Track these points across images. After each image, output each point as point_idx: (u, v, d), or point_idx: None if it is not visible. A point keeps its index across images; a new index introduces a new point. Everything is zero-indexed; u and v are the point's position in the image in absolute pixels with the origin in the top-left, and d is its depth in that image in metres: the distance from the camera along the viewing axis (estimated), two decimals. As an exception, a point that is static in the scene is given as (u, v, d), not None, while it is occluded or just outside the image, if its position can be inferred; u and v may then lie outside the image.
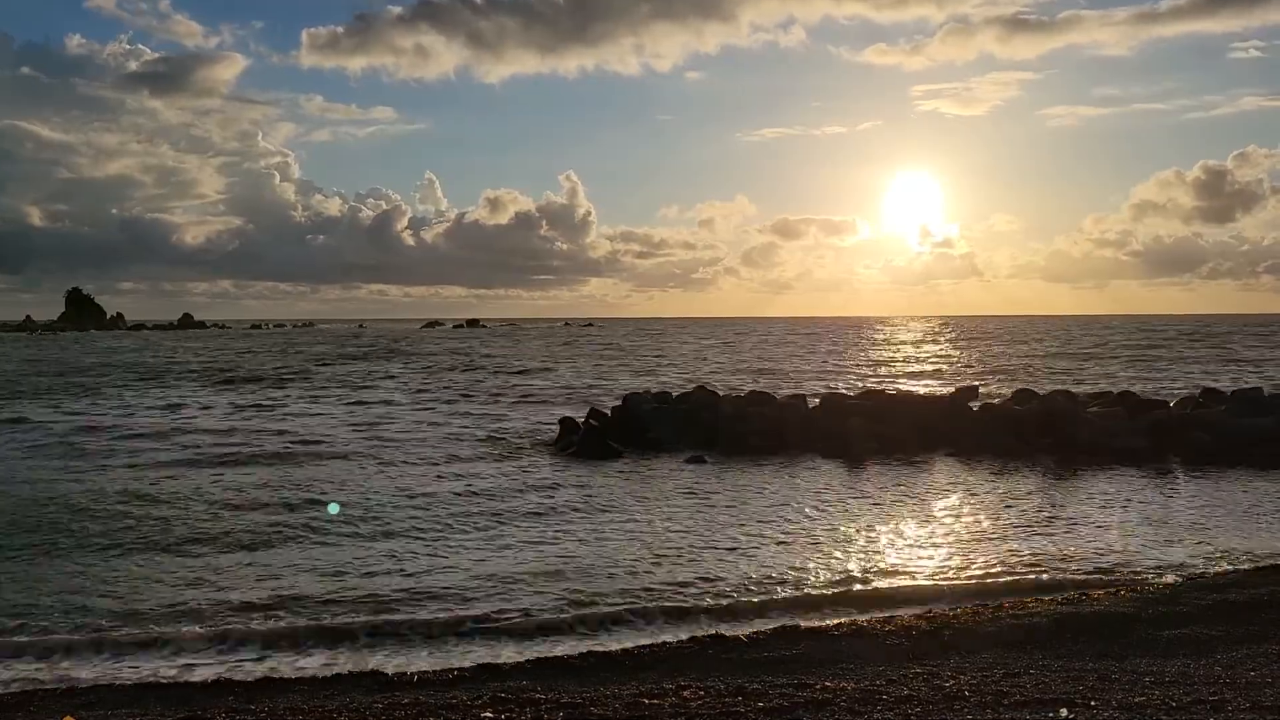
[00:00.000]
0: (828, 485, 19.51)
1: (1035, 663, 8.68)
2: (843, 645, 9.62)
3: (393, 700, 7.65)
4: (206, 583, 12.39)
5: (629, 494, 18.63)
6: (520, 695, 7.50)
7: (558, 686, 8.12)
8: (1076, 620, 10.25)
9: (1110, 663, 8.71)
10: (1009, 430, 24.04)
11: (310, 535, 15.09)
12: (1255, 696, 7.15)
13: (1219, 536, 14.94)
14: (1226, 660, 8.69)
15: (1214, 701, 6.93)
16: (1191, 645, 9.34)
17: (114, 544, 14.41)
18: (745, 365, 61.45)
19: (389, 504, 17.62)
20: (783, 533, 15.15)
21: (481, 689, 8.09)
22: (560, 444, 25.17)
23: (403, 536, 14.99)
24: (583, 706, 7.09)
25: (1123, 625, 10.08)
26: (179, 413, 34.36)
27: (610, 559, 13.51)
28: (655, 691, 7.59)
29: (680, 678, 8.30)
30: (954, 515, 16.59)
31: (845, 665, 8.87)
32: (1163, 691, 7.28)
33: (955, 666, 8.52)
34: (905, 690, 7.41)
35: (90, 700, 8.53)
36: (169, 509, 17.00)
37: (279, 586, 12.18)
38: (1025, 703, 6.94)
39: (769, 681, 7.97)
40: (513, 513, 16.85)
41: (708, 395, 27.74)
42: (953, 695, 7.21)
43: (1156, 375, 48.77)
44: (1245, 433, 22.88)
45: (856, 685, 7.64)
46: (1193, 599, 10.98)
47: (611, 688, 7.95)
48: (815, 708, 6.95)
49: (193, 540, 14.63)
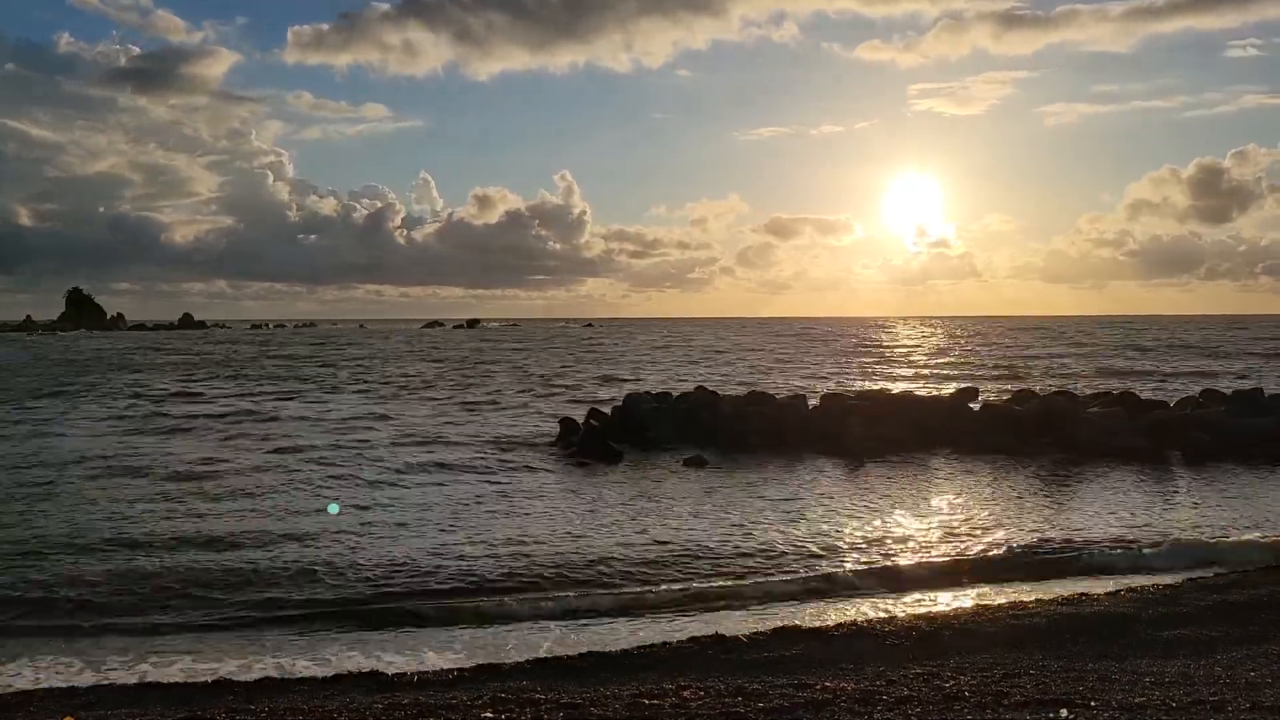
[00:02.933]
0: (828, 485, 19.50)
1: (1035, 663, 8.68)
2: (842, 645, 9.62)
3: (393, 700, 7.64)
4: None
5: (627, 493, 18.63)
6: (520, 695, 7.49)
7: (558, 686, 8.12)
8: (1076, 620, 10.25)
9: (1110, 663, 8.71)
10: (1009, 430, 24.05)
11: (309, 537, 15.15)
12: (1255, 697, 7.15)
13: (1219, 535, 14.94)
14: (1227, 661, 8.69)
15: (1214, 702, 6.92)
16: (1192, 646, 9.34)
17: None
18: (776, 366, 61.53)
19: (387, 504, 17.66)
20: (780, 532, 15.15)
21: (481, 689, 8.09)
22: (561, 444, 25.19)
23: (404, 536, 15.00)
24: (583, 707, 7.09)
25: (1123, 625, 10.08)
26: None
27: (598, 556, 13.54)
28: (655, 692, 7.59)
29: (680, 678, 8.30)
30: (953, 515, 16.58)
31: (845, 665, 8.87)
32: (1163, 692, 7.28)
33: (955, 667, 8.52)
34: (905, 690, 7.40)
35: (90, 700, 8.53)
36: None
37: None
38: (1025, 703, 6.94)
39: (769, 681, 7.96)
40: (510, 510, 16.85)
41: (707, 395, 27.75)
42: (952, 695, 7.21)
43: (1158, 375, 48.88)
44: (1245, 432, 22.89)
45: (856, 685, 7.64)
46: (1193, 599, 10.98)
47: (611, 688, 7.95)
48: (815, 708, 6.94)
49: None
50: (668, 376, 49.90)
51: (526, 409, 35.26)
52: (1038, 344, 75.62)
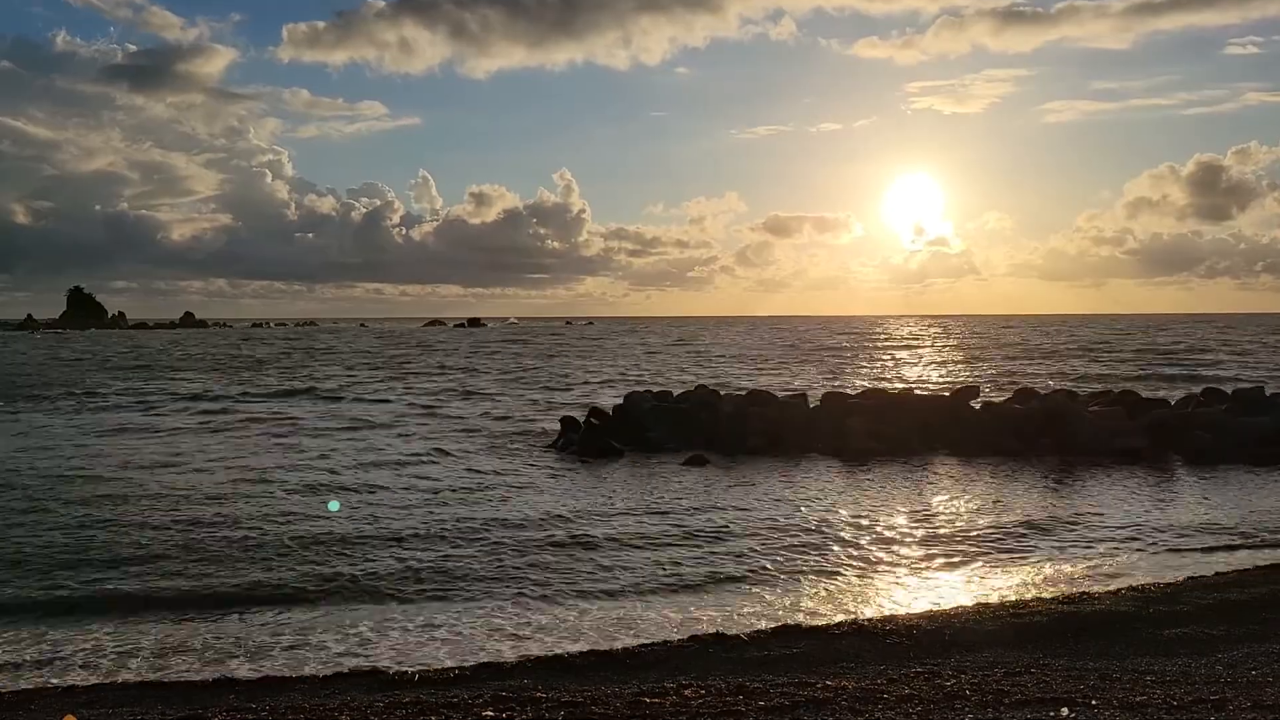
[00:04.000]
0: (828, 485, 19.49)
1: (1036, 662, 8.67)
2: (843, 644, 9.62)
3: (393, 699, 7.64)
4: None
5: (626, 493, 18.62)
6: (521, 694, 7.49)
7: (559, 685, 8.11)
8: (1077, 619, 10.24)
9: (1111, 662, 8.70)
10: (1010, 430, 24.03)
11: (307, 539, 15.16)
12: (1257, 695, 7.14)
13: (1219, 535, 14.93)
14: (1228, 659, 8.69)
15: (1215, 700, 6.92)
16: (1193, 644, 9.33)
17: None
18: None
19: (386, 504, 17.67)
20: (779, 531, 15.14)
21: (482, 687, 8.09)
22: (560, 443, 25.17)
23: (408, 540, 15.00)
24: (584, 705, 7.09)
25: (1124, 624, 10.07)
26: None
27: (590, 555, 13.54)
28: (656, 690, 7.59)
29: (681, 676, 8.30)
30: (953, 514, 16.56)
31: (846, 664, 8.87)
32: (1164, 690, 7.28)
33: (956, 665, 8.52)
34: (906, 689, 7.40)
35: (90, 699, 8.53)
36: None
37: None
38: (1026, 702, 6.93)
39: (770, 680, 7.96)
40: (505, 517, 16.85)
41: (708, 394, 27.71)
42: (953, 694, 7.20)
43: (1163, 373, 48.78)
44: (1246, 431, 22.86)
45: (857, 684, 7.63)
46: (1194, 598, 10.98)
47: (612, 686, 7.95)
48: (816, 706, 6.94)
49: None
50: (669, 375, 49.86)
51: (527, 407, 35.25)
52: (1075, 356, 68.36)
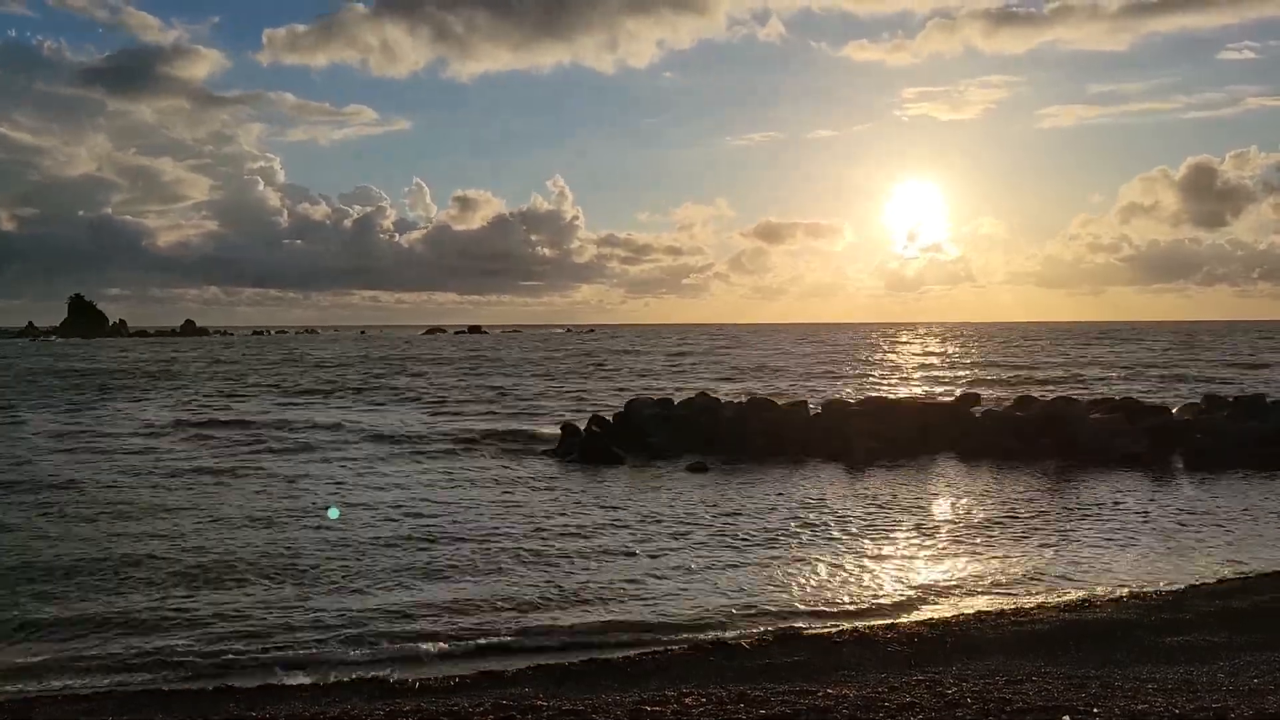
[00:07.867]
0: (828, 488, 19.47)
1: (1038, 669, 8.66)
2: (844, 652, 9.61)
3: (394, 708, 7.63)
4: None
5: (627, 500, 18.61)
6: (522, 702, 7.48)
7: (559, 693, 8.11)
8: (1079, 627, 10.23)
9: (1113, 669, 8.69)
10: (1011, 435, 24.03)
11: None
12: (1259, 703, 7.12)
13: (1221, 541, 14.91)
14: (1229, 667, 8.67)
15: (1217, 709, 6.90)
16: (1194, 652, 9.32)
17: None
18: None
19: (385, 508, 17.66)
20: (778, 534, 15.12)
21: (483, 696, 8.08)
22: (561, 449, 25.16)
23: (402, 545, 14.98)
24: (584, 714, 7.08)
25: (1125, 632, 10.06)
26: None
27: (589, 563, 13.53)
28: (657, 699, 7.57)
29: (682, 685, 8.29)
30: (954, 519, 16.55)
31: (847, 672, 8.85)
32: (1166, 699, 7.26)
33: (957, 673, 8.51)
34: (907, 697, 7.38)
35: (92, 707, 8.53)
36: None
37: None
38: (1028, 710, 6.92)
39: (771, 688, 7.94)
40: (497, 524, 16.84)
41: (709, 401, 27.72)
42: (954, 702, 7.19)
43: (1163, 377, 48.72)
44: (1245, 436, 22.86)
45: (858, 692, 7.62)
46: (1195, 605, 10.96)
47: (613, 695, 7.93)
48: (817, 714, 6.92)
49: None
50: (670, 382, 49.87)
51: (528, 412, 35.25)
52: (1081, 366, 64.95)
